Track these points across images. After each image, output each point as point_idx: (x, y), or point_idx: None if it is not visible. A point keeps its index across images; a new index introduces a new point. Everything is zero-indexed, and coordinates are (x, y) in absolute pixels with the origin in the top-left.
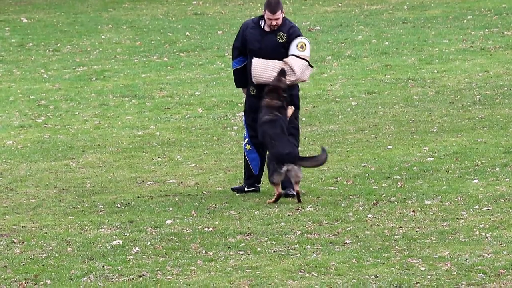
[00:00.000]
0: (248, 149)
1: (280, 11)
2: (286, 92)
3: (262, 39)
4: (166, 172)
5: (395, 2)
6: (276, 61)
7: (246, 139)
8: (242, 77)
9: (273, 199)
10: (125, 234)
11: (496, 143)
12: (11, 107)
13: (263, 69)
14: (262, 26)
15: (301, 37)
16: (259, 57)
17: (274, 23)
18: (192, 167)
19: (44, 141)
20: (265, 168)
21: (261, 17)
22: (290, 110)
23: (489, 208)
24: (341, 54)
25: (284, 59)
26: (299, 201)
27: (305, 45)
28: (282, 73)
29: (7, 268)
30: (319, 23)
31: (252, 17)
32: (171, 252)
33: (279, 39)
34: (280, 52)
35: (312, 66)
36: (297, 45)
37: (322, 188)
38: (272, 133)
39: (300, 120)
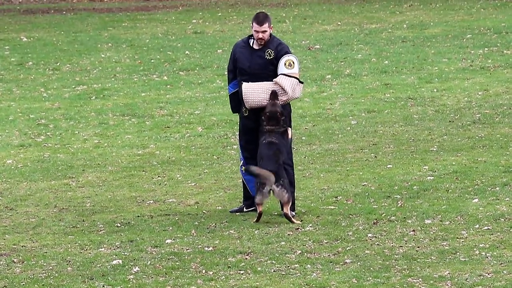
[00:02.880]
0: (244, 171)
1: (267, 24)
2: (284, 114)
3: (251, 57)
4: (166, 191)
5: (395, 21)
6: (266, 82)
7: (242, 161)
8: (238, 101)
9: (255, 218)
10: (125, 253)
11: (496, 162)
12: (10, 126)
13: (255, 93)
14: (251, 45)
15: (289, 54)
16: (248, 76)
17: (261, 35)
18: (192, 186)
19: (44, 160)
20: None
21: (251, 36)
22: (290, 132)
23: (489, 227)
24: (340, 72)
25: (274, 79)
26: (291, 221)
27: (293, 62)
28: (274, 96)
29: None
30: (319, 41)
31: (243, 37)
32: (171, 271)
33: (267, 56)
34: (268, 69)
35: (302, 82)
36: (285, 63)
37: (322, 207)
38: (265, 154)
39: (300, 139)
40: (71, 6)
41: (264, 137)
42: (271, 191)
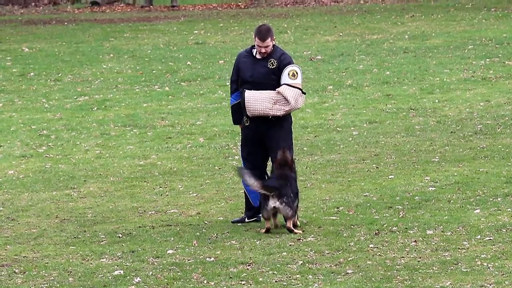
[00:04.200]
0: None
1: (270, 38)
2: (294, 162)
3: (253, 67)
4: (168, 201)
5: (396, 31)
6: (269, 91)
7: None
8: (240, 112)
9: (264, 230)
10: (127, 264)
11: (497, 173)
12: (12, 137)
13: (257, 101)
14: (254, 54)
15: (292, 65)
16: (251, 85)
17: (263, 50)
18: (194, 197)
19: (45, 171)
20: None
21: (253, 46)
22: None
23: (491, 238)
24: (342, 83)
25: (277, 89)
26: (293, 233)
27: (297, 73)
28: (284, 150)
29: None
30: (320, 52)
31: (245, 47)
32: (173, 282)
33: (270, 65)
34: (271, 78)
35: (304, 93)
36: (288, 74)
37: (323, 218)
38: (274, 174)
39: (301, 150)
40: (72, 17)
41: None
42: (274, 207)
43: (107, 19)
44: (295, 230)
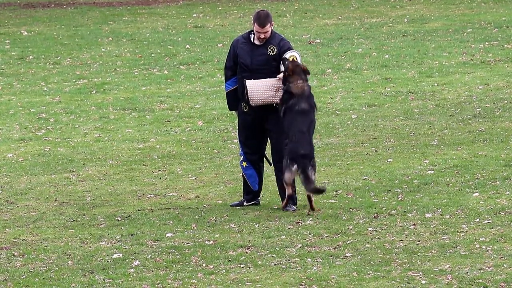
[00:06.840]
0: (244, 166)
1: (269, 24)
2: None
3: (252, 53)
4: (167, 185)
5: (395, 15)
6: (269, 79)
7: (242, 157)
8: (236, 98)
9: (284, 201)
10: (126, 247)
11: (496, 156)
12: (11, 120)
13: (260, 90)
14: (252, 40)
15: (292, 50)
16: (251, 72)
17: (262, 36)
18: (193, 180)
19: (44, 154)
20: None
21: (251, 32)
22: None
23: (490, 221)
24: (341, 67)
25: (278, 76)
26: (311, 208)
27: (296, 58)
28: (292, 60)
29: (7, 282)
30: (319, 36)
31: (242, 33)
32: (172, 265)
33: (270, 52)
34: (271, 65)
35: None
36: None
37: (322, 201)
38: (297, 130)
39: None
40: (71, 0)
41: (297, 101)
42: (298, 170)
43: (105, 2)
44: (313, 204)
